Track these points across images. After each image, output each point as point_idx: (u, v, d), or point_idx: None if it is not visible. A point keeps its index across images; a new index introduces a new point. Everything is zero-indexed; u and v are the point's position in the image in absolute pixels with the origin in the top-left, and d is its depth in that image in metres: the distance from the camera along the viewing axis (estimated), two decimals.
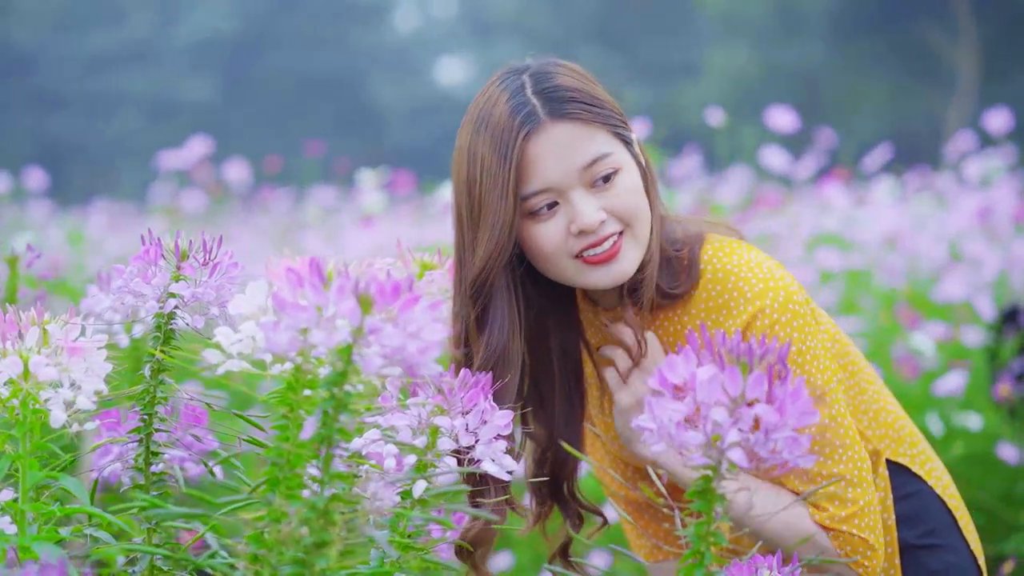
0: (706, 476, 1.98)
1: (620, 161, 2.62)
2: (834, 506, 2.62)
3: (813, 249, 6.48)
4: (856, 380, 2.82)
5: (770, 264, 2.68)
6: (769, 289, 2.62)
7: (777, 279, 2.64)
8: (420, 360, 1.90)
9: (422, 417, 2.23)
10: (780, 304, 2.61)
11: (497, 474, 2.20)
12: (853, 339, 5.63)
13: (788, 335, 2.60)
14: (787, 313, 2.61)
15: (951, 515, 2.84)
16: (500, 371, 2.63)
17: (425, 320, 1.90)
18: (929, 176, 8.49)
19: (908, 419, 2.90)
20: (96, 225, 10.40)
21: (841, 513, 2.61)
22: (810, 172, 7.21)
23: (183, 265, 2.26)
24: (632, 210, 2.61)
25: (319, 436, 1.91)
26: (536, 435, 2.84)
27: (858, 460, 2.64)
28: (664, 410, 1.96)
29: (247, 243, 8.66)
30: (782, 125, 6.60)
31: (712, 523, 2.00)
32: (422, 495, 2.19)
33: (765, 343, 1.97)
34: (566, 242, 2.61)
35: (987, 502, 4.87)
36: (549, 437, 2.84)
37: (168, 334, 2.27)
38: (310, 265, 1.91)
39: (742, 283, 2.64)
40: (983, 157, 7.28)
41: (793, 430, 1.94)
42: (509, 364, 2.65)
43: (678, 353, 1.96)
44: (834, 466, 2.62)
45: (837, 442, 2.63)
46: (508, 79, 2.66)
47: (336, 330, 1.87)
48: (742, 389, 1.94)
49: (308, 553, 1.89)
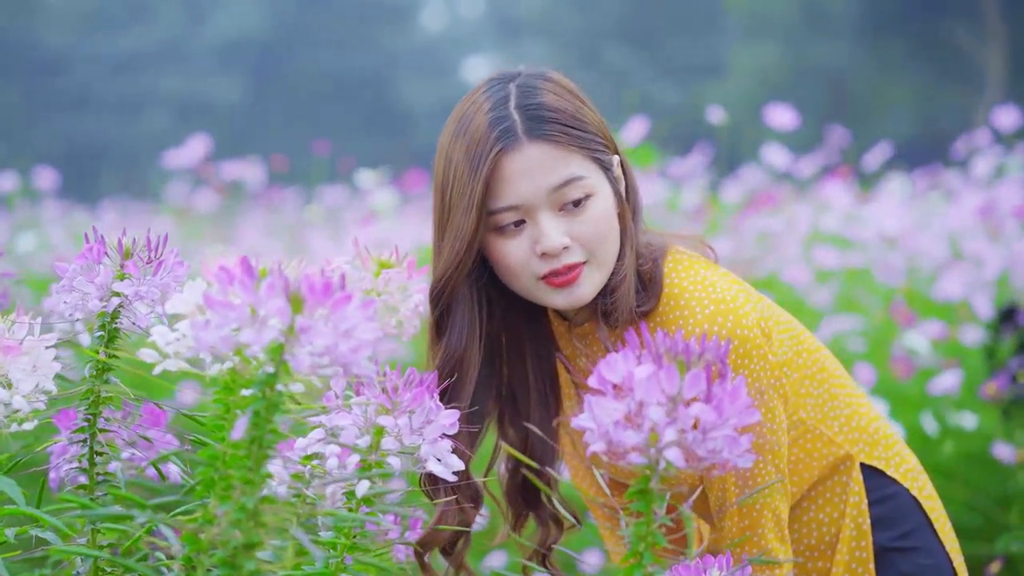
0: (644, 476, 1.96)
1: (593, 186, 2.59)
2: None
3: (810, 247, 6.44)
4: (825, 387, 2.79)
5: (725, 285, 2.63)
6: (719, 313, 2.58)
7: (728, 302, 2.60)
8: (353, 359, 1.88)
9: (366, 417, 2.21)
10: (727, 330, 2.57)
11: (442, 474, 2.19)
12: (851, 338, 5.62)
13: (731, 361, 2.56)
14: (734, 340, 2.57)
15: (926, 517, 2.81)
16: (456, 377, 2.64)
17: (358, 319, 1.88)
18: (941, 174, 8.43)
19: (883, 420, 2.87)
20: (105, 224, 10.40)
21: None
22: (813, 171, 7.19)
23: (127, 263, 2.24)
24: (598, 238, 2.59)
25: (250, 437, 1.90)
26: (511, 441, 2.82)
27: (782, 508, 2.65)
28: (603, 409, 1.95)
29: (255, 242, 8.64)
30: (783, 123, 6.57)
31: (652, 523, 1.98)
32: (365, 495, 2.17)
33: (705, 343, 1.95)
34: (529, 262, 2.59)
35: (981, 503, 4.83)
36: (524, 443, 2.82)
37: (112, 333, 2.25)
38: (241, 263, 1.90)
39: (694, 303, 2.61)
40: (992, 154, 7.21)
41: (733, 429, 1.93)
42: (464, 371, 2.65)
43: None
44: (754, 503, 2.62)
45: (760, 478, 2.62)
46: (495, 87, 2.64)
47: (266, 329, 1.85)
48: (679, 388, 1.92)
49: (237, 555, 1.87)
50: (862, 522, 2.76)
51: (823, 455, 2.77)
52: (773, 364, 2.63)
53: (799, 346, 2.77)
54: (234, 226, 9.48)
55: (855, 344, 5.55)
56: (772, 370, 2.63)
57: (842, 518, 2.77)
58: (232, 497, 1.89)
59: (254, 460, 1.90)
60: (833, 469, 2.78)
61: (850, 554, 2.77)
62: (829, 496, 2.78)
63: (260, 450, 1.90)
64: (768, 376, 2.61)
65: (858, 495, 2.77)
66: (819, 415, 2.77)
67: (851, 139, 7.87)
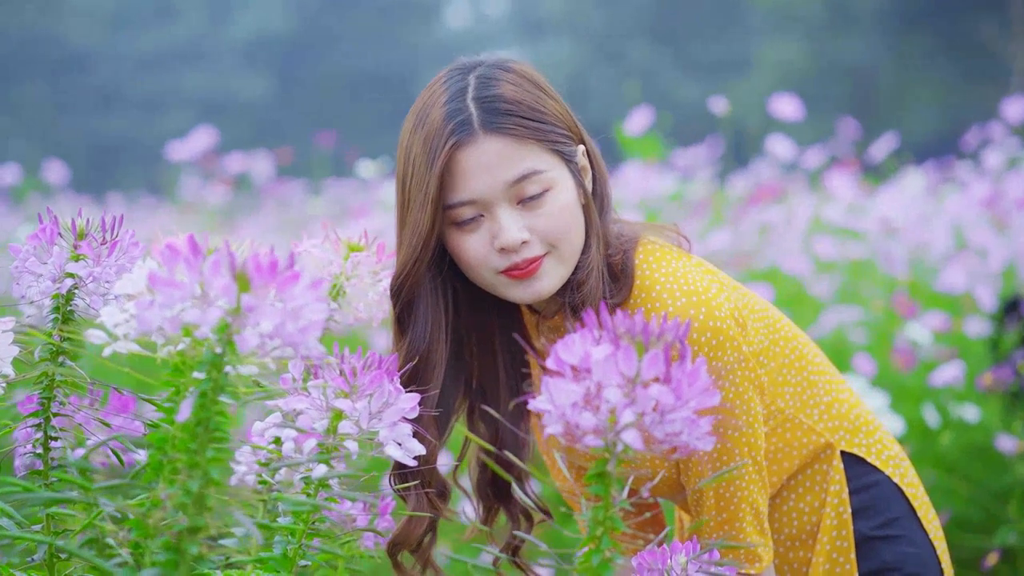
0: (602, 459, 1.92)
1: (553, 179, 2.53)
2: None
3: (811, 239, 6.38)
4: (804, 374, 2.74)
5: (697, 276, 2.59)
6: (691, 305, 2.54)
7: (700, 293, 2.55)
8: (301, 340, 1.84)
9: (325, 400, 2.17)
10: (700, 322, 2.52)
11: (401, 458, 2.14)
12: (853, 329, 5.57)
13: (704, 353, 2.52)
14: (706, 331, 2.52)
15: (910, 505, 2.76)
16: (422, 372, 2.60)
17: (306, 299, 1.85)
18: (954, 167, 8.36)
19: (864, 407, 2.82)
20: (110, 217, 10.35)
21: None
22: (822, 162, 7.13)
23: (80, 244, 2.20)
24: (559, 231, 2.54)
25: (196, 419, 1.86)
26: (481, 434, 2.78)
27: (760, 500, 2.62)
28: (560, 391, 1.90)
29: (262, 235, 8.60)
30: (787, 114, 6.51)
31: (610, 508, 1.94)
32: (322, 478, 2.13)
33: (665, 323, 1.91)
34: (488, 257, 2.54)
35: (981, 496, 4.78)
36: (494, 437, 2.78)
37: (67, 315, 2.21)
38: (188, 242, 1.86)
39: (665, 294, 2.56)
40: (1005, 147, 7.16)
41: (693, 411, 1.89)
42: (430, 366, 2.61)
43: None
44: (731, 497, 2.58)
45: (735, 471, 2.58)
46: (454, 78, 2.59)
47: (212, 309, 1.81)
48: (638, 369, 1.88)
49: (182, 539, 1.83)
50: (843, 511, 2.72)
51: (802, 444, 2.72)
52: (748, 355, 2.58)
53: (775, 334, 2.72)
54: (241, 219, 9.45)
55: (857, 335, 5.49)
56: (747, 361, 2.58)
57: (823, 507, 2.73)
58: (177, 481, 1.85)
59: (199, 443, 1.86)
60: (813, 458, 2.73)
61: (831, 543, 2.72)
62: (809, 485, 2.73)
63: (206, 433, 1.86)
64: (743, 368, 2.57)
65: (839, 484, 2.73)
66: (798, 404, 2.72)
67: (863, 132, 7.81)
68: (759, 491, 2.61)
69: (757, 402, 2.60)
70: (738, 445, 2.56)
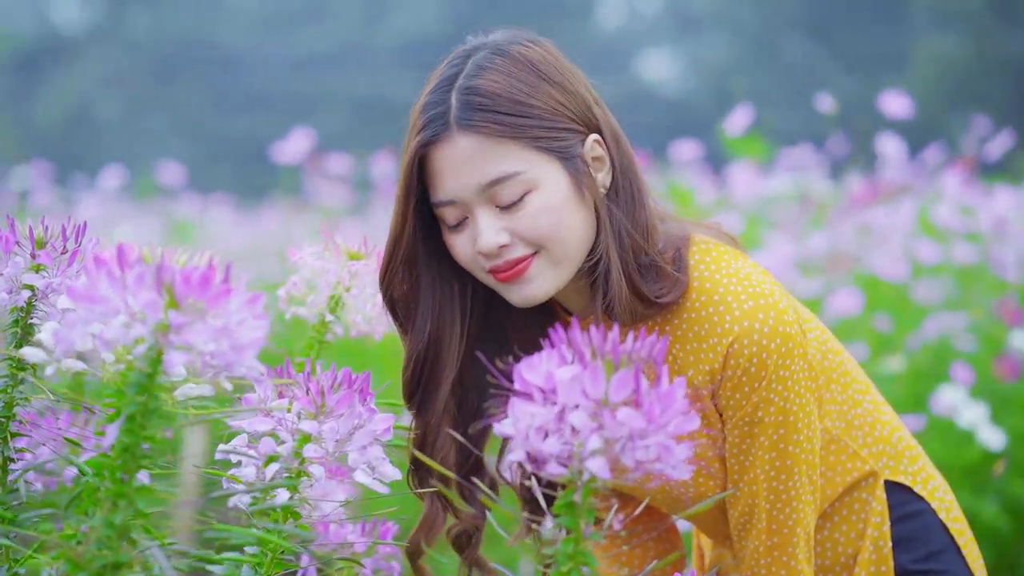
0: (569, 489, 1.75)
1: (533, 179, 2.32)
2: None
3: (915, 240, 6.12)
4: (849, 392, 2.54)
5: (759, 278, 2.39)
6: (759, 309, 2.34)
7: (767, 296, 2.35)
8: (236, 359, 1.71)
9: (291, 421, 2.03)
10: (770, 328, 2.33)
11: (371, 486, 2.00)
12: (958, 337, 5.31)
13: (774, 360, 2.33)
14: (776, 338, 2.33)
15: (952, 539, 2.55)
16: (430, 373, 2.44)
17: (241, 315, 1.71)
18: None
19: (906, 432, 2.61)
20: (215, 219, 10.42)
21: None
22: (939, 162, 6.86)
23: (39, 253, 2.08)
24: (543, 233, 2.33)
25: (122, 445, 1.73)
26: None
27: (811, 526, 2.43)
28: (522, 414, 1.74)
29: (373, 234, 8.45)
30: (896, 111, 6.27)
31: (580, 542, 1.77)
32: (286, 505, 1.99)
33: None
34: (475, 258, 2.36)
35: None
36: None
37: (27, 329, 2.09)
38: (116, 252, 1.73)
39: (730, 297, 2.36)
40: None
41: (669, 437, 1.72)
42: (440, 366, 2.44)
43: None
44: (786, 519, 2.40)
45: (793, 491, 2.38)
46: (456, 61, 2.39)
47: (135, 325, 1.68)
48: (606, 391, 1.71)
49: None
50: (883, 545, 2.51)
51: (847, 470, 2.52)
52: (812, 364, 2.39)
53: (824, 347, 2.52)
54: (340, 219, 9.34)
55: (964, 343, 5.22)
56: (812, 370, 2.39)
57: (860, 538, 2.52)
58: (100, 512, 1.72)
59: (127, 471, 1.73)
60: (855, 485, 2.53)
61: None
62: (846, 514, 2.53)
63: (133, 460, 1.73)
64: (807, 377, 2.38)
65: (880, 515, 2.52)
66: (843, 424, 2.52)
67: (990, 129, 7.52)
68: (812, 516, 2.43)
69: (816, 416, 2.41)
70: (798, 463, 2.38)
